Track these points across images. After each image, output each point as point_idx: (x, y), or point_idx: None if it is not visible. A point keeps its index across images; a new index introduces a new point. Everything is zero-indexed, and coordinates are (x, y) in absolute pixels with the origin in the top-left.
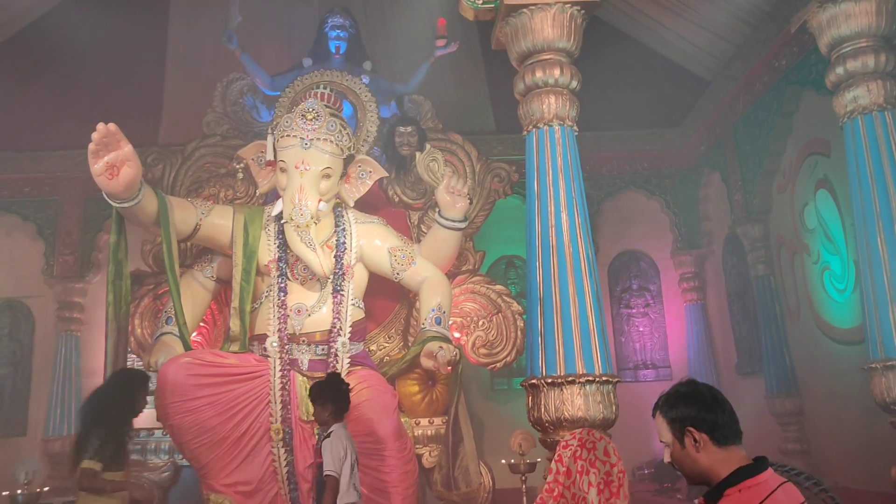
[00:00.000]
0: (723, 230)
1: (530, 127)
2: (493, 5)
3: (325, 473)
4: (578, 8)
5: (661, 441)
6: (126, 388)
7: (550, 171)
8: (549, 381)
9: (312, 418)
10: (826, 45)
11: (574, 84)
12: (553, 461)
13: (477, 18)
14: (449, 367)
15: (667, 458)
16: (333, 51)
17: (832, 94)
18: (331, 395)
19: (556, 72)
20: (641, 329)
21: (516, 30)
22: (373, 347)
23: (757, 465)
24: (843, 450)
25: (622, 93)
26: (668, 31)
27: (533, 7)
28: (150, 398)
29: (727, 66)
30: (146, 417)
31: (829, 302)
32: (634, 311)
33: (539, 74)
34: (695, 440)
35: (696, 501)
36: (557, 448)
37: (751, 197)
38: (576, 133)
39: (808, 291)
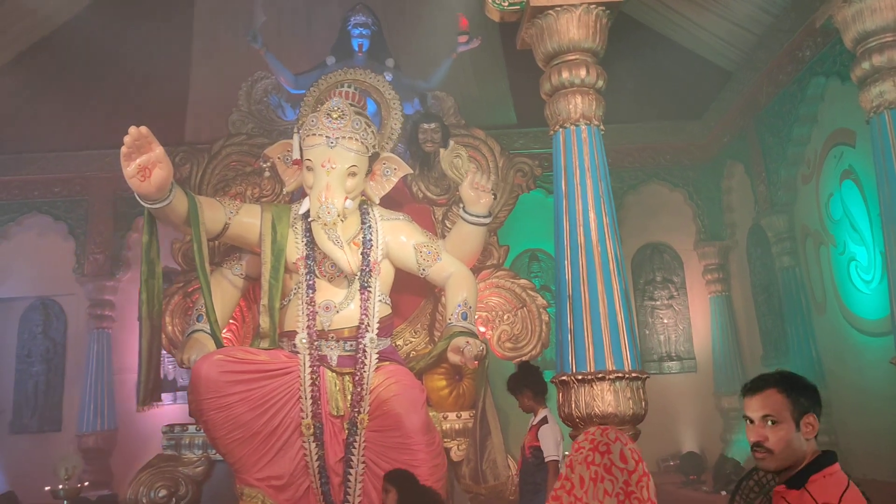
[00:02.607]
0: (747, 221)
1: (557, 127)
2: (518, 7)
3: (547, 459)
4: (603, 8)
5: (760, 416)
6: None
7: (578, 171)
8: (580, 377)
9: (342, 414)
10: (851, 40)
11: (600, 84)
12: (565, 466)
13: (503, 20)
14: (476, 362)
15: (758, 436)
16: (356, 49)
17: (857, 86)
18: (522, 382)
19: (583, 72)
20: (666, 321)
21: (542, 31)
22: (399, 342)
23: (832, 457)
24: (871, 442)
25: (644, 85)
26: (689, 22)
27: (559, 8)
28: None
29: (749, 56)
30: (179, 413)
31: (856, 293)
32: (658, 303)
33: (565, 75)
34: (810, 426)
35: (776, 489)
36: (569, 452)
37: (775, 188)
38: (602, 132)
39: (834, 283)
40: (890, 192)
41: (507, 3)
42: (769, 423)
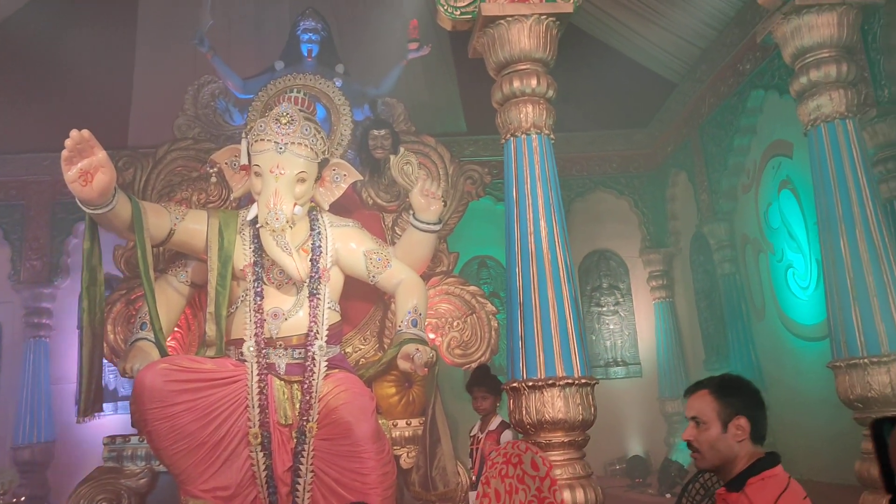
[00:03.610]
0: (690, 229)
1: (508, 135)
2: (470, 16)
3: None
4: (554, 19)
5: (690, 417)
6: None
7: (528, 179)
8: (531, 384)
9: (290, 423)
10: (790, 55)
11: (550, 93)
12: (480, 483)
13: (455, 28)
14: (426, 369)
15: (687, 436)
16: (305, 54)
17: (795, 100)
18: (489, 383)
19: (533, 81)
20: (612, 327)
21: (493, 40)
22: (349, 350)
23: (773, 459)
24: (808, 443)
25: (592, 95)
26: (635, 34)
27: (510, 18)
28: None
29: (693, 69)
30: (121, 424)
31: (793, 299)
32: (605, 309)
33: (516, 84)
34: (739, 429)
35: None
36: (485, 468)
37: (717, 197)
38: (552, 141)
39: (772, 289)
40: (826, 201)
41: (458, 12)
42: (697, 424)
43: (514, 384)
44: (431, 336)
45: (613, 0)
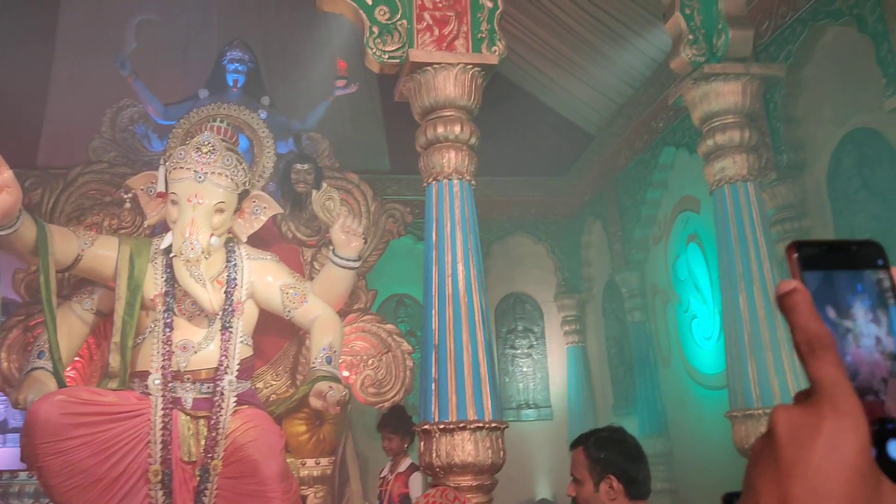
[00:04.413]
0: (603, 276)
1: (430, 179)
2: (398, 61)
3: None
4: (479, 69)
5: (571, 475)
6: None
7: (448, 223)
8: (442, 426)
9: (194, 460)
10: (698, 118)
11: (473, 140)
12: None
13: (382, 72)
14: (338, 407)
15: (570, 492)
16: (231, 84)
17: (703, 160)
18: (401, 424)
19: (457, 128)
20: (525, 369)
21: (420, 86)
22: (260, 385)
23: None
24: (709, 490)
25: (515, 141)
26: (558, 87)
27: (437, 66)
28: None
29: (610, 123)
30: (9, 458)
31: (697, 349)
32: (519, 351)
33: (440, 130)
34: (611, 488)
35: None
36: None
37: (629, 247)
38: (473, 187)
39: (678, 338)
40: (728, 257)
41: (387, 56)
42: (574, 480)
43: (426, 426)
44: (345, 374)
45: (538, 53)
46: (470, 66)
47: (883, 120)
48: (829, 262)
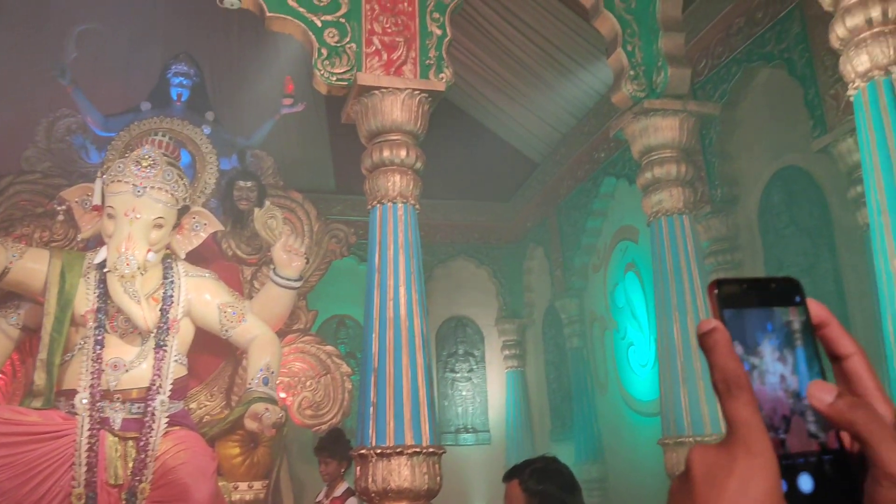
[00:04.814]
0: (544, 302)
1: (375, 202)
2: (346, 83)
3: None
4: (426, 95)
5: None
6: None
7: (392, 247)
8: (379, 451)
9: (121, 482)
10: (638, 152)
11: (419, 165)
12: None
13: (330, 93)
14: (274, 430)
15: None
16: (175, 98)
17: (641, 192)
18: (339, 448)
19: (403, 152)
20: (464, 393)
21: (367, 109)
22: (193, 406)
23: None
24: None
25: (460, 166)
26: (504, 114)
27: (384, 90)
28: None
29: (554, 151)
30: None
31: (633, 376)
32: (459, 375)
33: (386, 153)
34: None
35: None
36: None
37: (569, 273)
38: (418, 211)
39: (615, 365)
40: (663, 287)
41: (335, 78)
42: None
43: (363, 451)
44: (283, 395)
45: (486, 80)
46: (417, 92)
47: (810, 159)
48: (748, 299)
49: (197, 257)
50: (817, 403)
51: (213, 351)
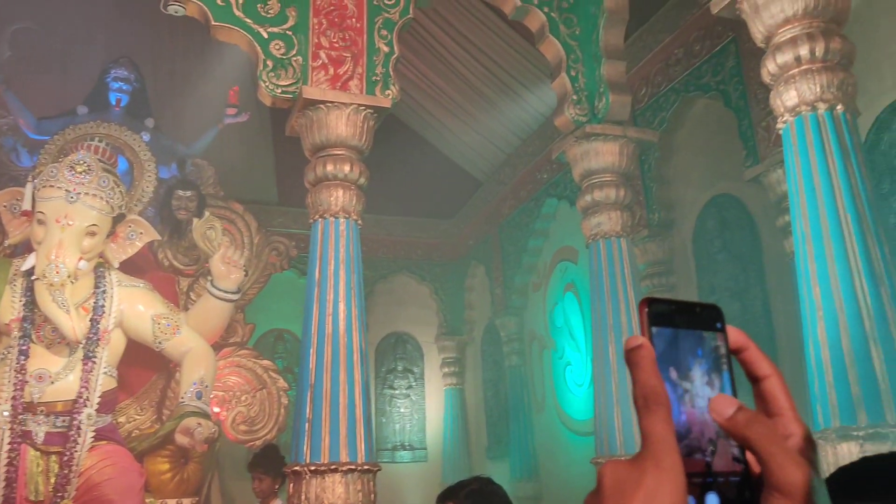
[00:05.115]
0: (484, 320)
1: (317, 216)
2: (291, 96)
3: None
4: (372, 111)
5: None
6: None
7: (333, 262)
8: (313, 468)
9: (41, 499)
10: (579, 175)
11: (362, 181)
12: None
13: (274, 105)
14: (206, 445)
15: None
16: (114, 102)
17: (581, 214)
18: (271, 464)
19: (347, 167)
20: (402, 410)
21: (312, 122)
22: (122, 420)
23: None
24: None
25: (404, 182)
26: (449, 132)
27: (330, 105)
28: None
29: (498, 171)
30: None
31: (569, 395)
32: (397, 392)
33: (330, 168)
34: None
35: None
36: None
37: (510, 292)
38: (360, 227)
39: (552, 384)
40: (600, 308)
41: (280, 91)
42: None
43: (296, 467)
44: (216, 410)
45: (433, 99)
46: (363, 108)
47: (742, 188)
48: (675, 320)
49: (131, 267)
50: (717, 417)
51: (145, 363)
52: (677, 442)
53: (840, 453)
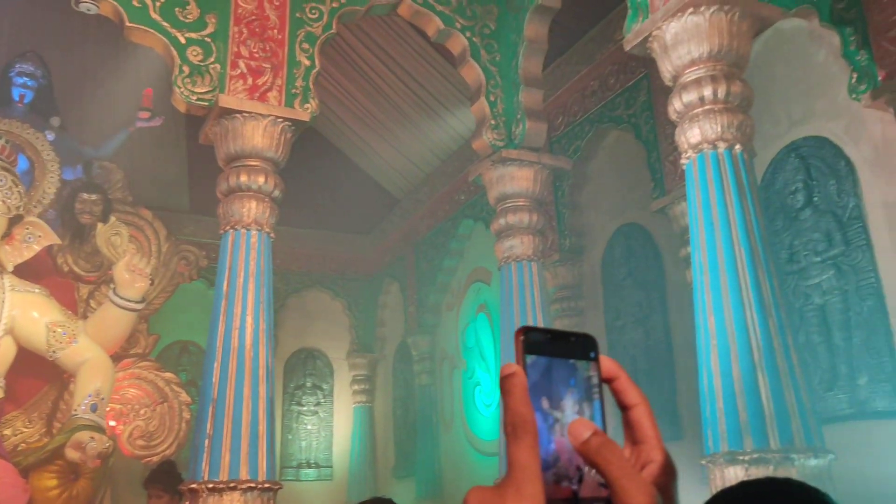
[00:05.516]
0: (396, 338)
1: (228, 227)
2: (207, 103)
3: None
4: (290, 124)
5: None
6: None
7: (242, 274)
8: (211, 486)
9: None
10: (494, 198)
11: (277, 193)
12: None
13: (189, 112)
14: (98, 460)
15: None
16: (17, 98)
17: (495, 236)
18: (169, 481)
19: (261, 179)
20: (310, 427)
21: (227, 131)
22: (7, 432)
23: None
24: None
25: (321, 196)
26: (369, 148)
27: (247, 115)
28: None
29: (416, 189)
30: None
31: (478, 415)
32: (305, 408)
33: (244, 178)
34: None
35: None
36: None
37: (423, 311)
38: (272, 240)
39: (461, 404)
40: (510, 330)
41: (195, 98)
42: None
43: (194, 485)
44: (112, 423)
45: (353, 114)
46: (281, 120)
47: (649, 218)
48: (550, 349)
49: (28, 271)
50: (573, 441)
51: (36, 373)
52: (546, 470)
53: (727, 476)
